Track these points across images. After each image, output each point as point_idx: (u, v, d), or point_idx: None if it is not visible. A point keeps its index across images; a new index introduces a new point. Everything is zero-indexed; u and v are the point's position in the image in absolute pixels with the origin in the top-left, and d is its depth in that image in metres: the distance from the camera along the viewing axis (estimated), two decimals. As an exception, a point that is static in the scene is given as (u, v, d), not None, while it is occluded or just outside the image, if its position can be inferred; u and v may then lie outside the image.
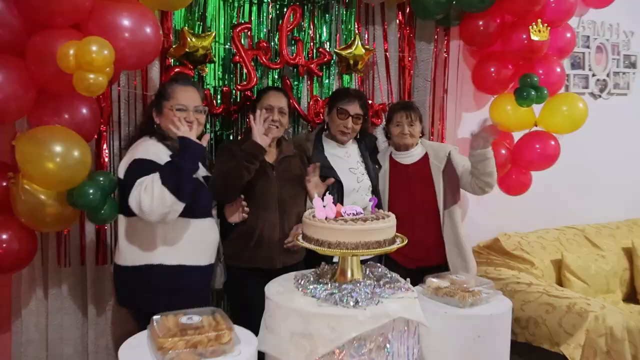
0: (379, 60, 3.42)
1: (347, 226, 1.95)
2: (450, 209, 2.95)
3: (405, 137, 2.95)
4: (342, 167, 2.87)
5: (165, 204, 2.09)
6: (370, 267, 2.24)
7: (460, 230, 2.97)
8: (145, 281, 2.29)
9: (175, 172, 2.11)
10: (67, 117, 2.24)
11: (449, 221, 2.95)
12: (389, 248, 2.01)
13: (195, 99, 2.40)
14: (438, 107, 3.60)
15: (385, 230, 2.01)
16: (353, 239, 1.95)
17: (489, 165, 2.83)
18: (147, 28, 2.23)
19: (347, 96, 2.88)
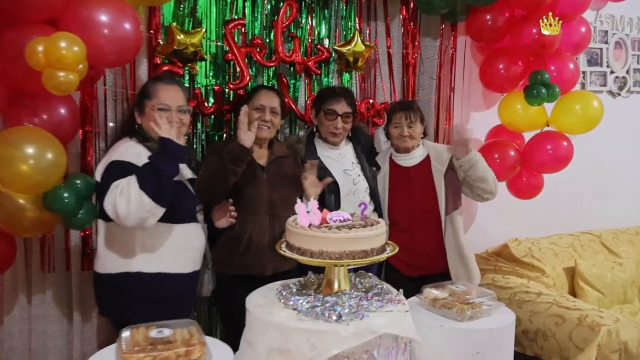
0: (381, 58, 3.27)
1: (331, 234, 1.81)
2: (451, 215, 2.78)
3: (405, 140, 2.79)
4: (336, 169, 2.74)
5: (142, 209, 1.98)
6: (360, 277, 2.10)
7: (462, 238, 2.80)
8: (123, 290, 2.18)
9: (154, 174, 2.00)
10: (45, 117, 2.15)
11: (451, 227, 2.79)
12: (376, 258, 1.87)
13: (179, 98, 2.29)
14: (444, 106, 3.43)
15: (373, 239, 1.86)
16: (337, 248, 1.81)
17: (477, 170, 2.69)
18: (126, 24, 2.12)
19: (333, 95, 2.75)
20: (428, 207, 2.80)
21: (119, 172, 2.06)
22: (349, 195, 2.73)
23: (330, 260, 1.81)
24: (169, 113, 2.22)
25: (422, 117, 2.83)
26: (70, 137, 2.29)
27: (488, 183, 2.74)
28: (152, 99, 2.23)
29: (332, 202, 2.67)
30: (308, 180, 2.53)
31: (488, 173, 2.73)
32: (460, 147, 2.67)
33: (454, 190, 2.81)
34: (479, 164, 2.69)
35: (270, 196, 2.51)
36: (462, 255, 2.80)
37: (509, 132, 3.34)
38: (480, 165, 2.69)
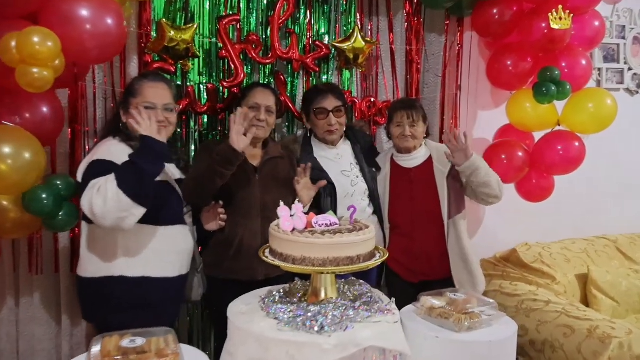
0: (384, 54, 3.15)
1: (314, 239, 1.70)
2: (454, 219, 2.65)
3: (406, 140, 2.67)
4: (334, 170, 2.63)
5: (120, 208, 1.89)
6: (350, 284, 1.99)
7: (466, 242, 2.66)
8: (106, 295, 2.10)
9: (133, 173, 1.91)
10: (25, 115, 2.08)
11: (454, 232, 2.65)
12: (363, 265, 1.75)
13: (165, 96, 2.20)
14: (450, 105, 3.30)
15: (360, 245, 1.75)
16: (320, 254, 1.70)
17: (480, 175, 2.54)
18: (108, 19, 2.05)
19: (319, 93, 2.65)
20: (430, 210, 2.68)
21: (99, 171, 1.97)
22: (346, 197, 2.62)
23: (313, 268, 1.70)
24: (155, 112, 2.14)
25: (424, 116, 2.71)
26: (54, 136, 2.22)
27: (492, 188, 2.60)
28: (137, 96, 2.15)
29: (328, 205, 2.56)
30: (300, 184, 2.43)
31: (491, 177, 2.59)
32: (458, 153, 2.53)
33: (457, 193, 2.68)
34: (481, 169, 2.54)
35: (263, 198, 2.41)
36: (466, 260, 2.67)
37: (518, 131, 3.20)
38: (483, 170, 2.55)
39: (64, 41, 1.99)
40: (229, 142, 2.18)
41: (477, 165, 2.53)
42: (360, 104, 3.05)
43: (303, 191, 2.44)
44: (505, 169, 2.97)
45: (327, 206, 2.56)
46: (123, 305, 2.10)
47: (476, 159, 2.54)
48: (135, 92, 2.16)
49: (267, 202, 2.42)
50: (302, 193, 2.44)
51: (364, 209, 2.66)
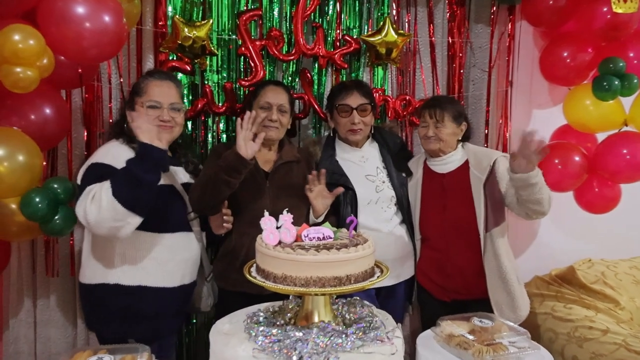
0: (422, 48, 2.88)
1: (295, 256, 1.50)
2: (491, 232, 2.33)
3: (429, 141, 2.39)
4: (357, 174, 2.41)
5: (115, 217, 1.80)
6: (351, 306, 1.76)
7: (504, 259, 2.33)
8: (100, 302, 2.03)
9: (129, 181, 1.81)
10: (26, 117, 2.04)
11: (491, 247, 2.34)
12: (351, 287, 1.52)
13: (172, 95, 2.10)
14: (499, 103, 2.96)
15: (351, 263, 1.52)
16: (302, 273, 1.50)
17: (534, 192, 2.16)
18: (105, 16, 1.96)
19: (343, 89, 2.43)
20: (464, 222, 2.38)
21: (96, 176, 1.90)
22: (370, 204, 2.39)
23: (295, 288, 1.50)
24: (160, 111, 2.05)
25: (457, 116, 2.40)
26: (57, 138, 2.18)
27: (542, 205, 2.24)
28: (142, 95, 2.06)
29: (348, 213, 2.34)
30: (314, 192, 2.23)
31: (544, 194, 2.20)
32: (522, 160, 2.12)
33: (495, 203, 2.36)
34: (537, 187, 2.15)
35: (274, 207, 2.21)
36: (505, 280, 2.34)
37: (578, 133, 2.80)
38: (538, 187, 2.16)
39: (60, 40, 1.93)
40: (236, 149, 2.02)
41: (535, 182, 2.13)
42: (393, 103, 2.80)
43: (317, 199, 2.24)
44: (558, 175, 2.61)
45: (347, 214, 2.34)
46: (117, 315, 2.01)
47: (537, 174, 2.14)
48: (141, 90, 2.07)
49: (278, 211, 2.21)
50: (315, 201, 2.24)
51: (389, 217, 2.42)
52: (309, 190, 2.23)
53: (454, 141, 2.41)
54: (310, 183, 2.22)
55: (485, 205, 2.33)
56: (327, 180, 2.31)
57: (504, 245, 2.39)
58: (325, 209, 2.27)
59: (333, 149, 2.47)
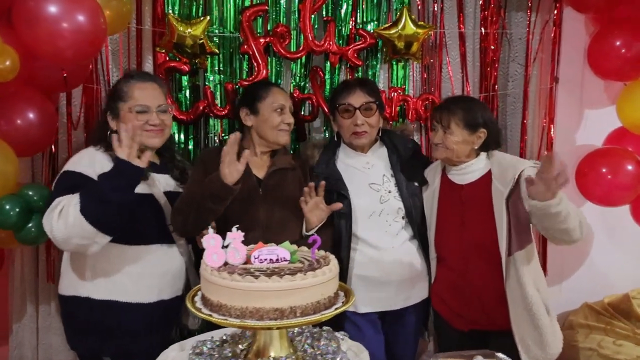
0: (450, 41, 2.57)
1: (230, 282, 1.29)
2: (515, 256, 1.99)
3: (436, 149, 2.09)
4: (360, 182, 2.16)
5: (83, 235, 1.69)
6: (316, 339, 1.52)
7: (529, 288, 1.97)
8: (74, 316, 1.93)
9: (99, 200, 1.68)
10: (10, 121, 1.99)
11: (514, 273, 1.99)
12: (296, 321, 1.28)
13: (158, 96, 1.97)
14: (543, 102, 2.58)
15: (298, 293, 1.29)
16: (238, 302, 1.28)
17: (556, 222, 1.81)
18: (79, 15, 1.86)
19: (345, 88, 2.19)
20: (484, 241, 2.05)
21: (66, 186, 1.79)
22: (373, 216, 2.13)
23: (230, 320, 1.29)
24: (149, 115, 1.93)
25: (469, 122, 2.04)
26: (42, 144, 2.11)
27: (570, 235, 1.88)
28: (128, 100, 1.94)
29: (342, 227, 2.11)
30: (308, 205, 2.01)
31: (570, 223, 1.83)
32: (542, 187, 1.75)
33: (519, 223, 2.00)
34: (562, 215, 1.79)
35: (266, 218, 2.04)
36: (531, 312, 1.98)
37: (636, 137, 2.36)
38: (562, 217, 1.80)
39: (34, 41, 1.86)
40: (219, 175, 1.82)
41: (556, 212, 1.78)
42: (415, 103, 2.51)
43: (312, 212, 2.02)
44: (606, 187, 2.23)
45: (341, 227, 2.11)
46: (90, 330, 1.90)
47: (558, 203, 1.77)
48: (125, 95, 1.95)
49: (271, 222, 2.04)
50: (310, 214, 2.02)
51: (395, 232, 2.15)
52: (303, 203, 2.01)
53: (466, 150, 2.07)
54: (305, 195, 2.00)
55: (508, 224, 1.99)
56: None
57: (531, 271, 2.02)
58: (320, 222, 2.05)
59: (334, 153, 2.23)
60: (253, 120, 2.10)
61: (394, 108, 2.50)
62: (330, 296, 1.36)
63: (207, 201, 1.84)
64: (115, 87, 2.03)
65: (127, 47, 2.40)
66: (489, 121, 2.09)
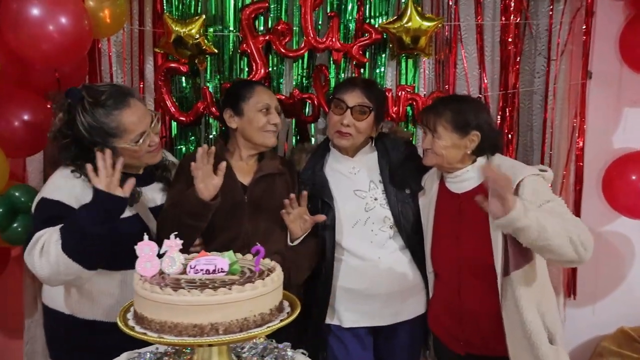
0: (466, 34, 2.37)
1: (150, 294, 1.21)
2: (512, 276, 1.76)
3: (425, 155, 1.91)
4: (344, 189, 2.03)
5: (67, 272, 1.62)
6: (265, 354, 1.41)
7: (528, 314, 1.73)
8: (55, 331, 1.90)
9: (80, 236, 1.59)
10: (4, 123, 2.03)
11: (511, 295, 1.77)
12: (218, 339, 1.18)
13: (147, 114, 1.83)
14: (572, 100, 2.32)
15: (220, 308, 1.18)
16: (158, 316, 1.20)
17: (533, 239, 1.60)
18: (61, 18, 1.86)
19: (346, 84, 2.06)
20: (478, 257, 1.84)
21: (44, 218, 1.69)
22: (357, 225, 1.99)
23: (149, 334, 1.21)
24: (147, 138, 1.80)
25: (458, 124, 1.83)
26: (33, 147, 2.13)
27: (558, 254, 1.64)
28: (123, 135, 1.75)
29: (324, 237, 1.99)
30: (291, 216, 1.89)
31: (552, 239, 1.60)
32: (496, 201, 1.57)
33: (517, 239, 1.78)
34: (532, 229, 1.58)
35: (252, 226, 1.94)
36: (530, 340, 1.75)
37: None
38: (534, 230, 1.58)
39: (19, 43, 1.89)
40: (194, 192, 1.74)
41: (524, 225, 1.56)
42: (425, 102, 2.32)
43: (295, 223, 1.91)
44: (635, 197, 1.91)
45: (324, 238, 1.98)
46: (72, 349, 1.85)
47: (521, 214, 1.55)
48: (116, 131, 1.74)
49: (256, 231, 1.93)
50: (293, 225, 1.91)
51: (382, 242, 1.99)
52: (285, 214, 1.90)
53: (457, 156, 1.86)
54: (286, 207, 1.89)
55: (505, 239, 1.77)
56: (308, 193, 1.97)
57: (532, 294, 1.78)
58: (304, 232, 1.93)
59: (323, 157, 2.10)
60: (237, 122, 2.00)
61: (401, 108, 2.33)
62: (263, 313, 1.25)
63: (186, 218, 1.77)
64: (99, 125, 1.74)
65: (130, 49, 2.41)
66: (484, 122, 1.88)
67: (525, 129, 2.42)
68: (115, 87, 1.86)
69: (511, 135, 2.35)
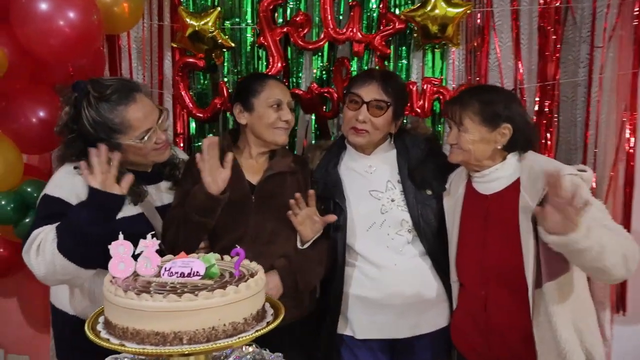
0: (500, 21, 2.17)
1: (114, 297, 1.13)
2: (545, 288, 1.57)
3: (451, 151, 1.74)
4: (359, 188, 1.90)
5: (64, 272, 1.58)
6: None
7: (562, 330, 1.55)
8: (61, 330, 1.87)
9: (76, 235, 1.54)
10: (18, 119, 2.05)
11: (543, 309, 1.58)
12: (176, 349, 1.08)
13: (153, 110, 1.76)
14: (621, 91, 2.07)
15: (185, 315, 1.09)
16: (121, 322, 1.12)
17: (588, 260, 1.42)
18: (69, 12, 1.84)
19: (363, 77, 1.92)
20: (508, 265, 1.67)
21: (45, 214, 1.66)
22: (373, 228, 1.85)
23: (113, 341, 1.13)
24: (153, 134, 1.74)
25: (487, 116, 1.66)
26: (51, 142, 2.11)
27: (608, 273, 1.46)
28: (128, 132, 1.70)
29: (337, 239, 1.86)
30: (299, 217, 1.78)
31: (609, 258, 1.41)
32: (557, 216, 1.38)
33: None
34: (593, 251, 1.38)
35: (258, 228, 1.84)
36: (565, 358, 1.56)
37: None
38: (594, 252, 1.39)
39: (29, 39, 1.88)
40: (202, 187, 1.67)
41: (585, 247, 1.38)
42: (451, 94, 2.14)
43: (304, 225, 1.80)
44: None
45: (335, 241, 1.85)
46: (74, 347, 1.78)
47: (584, 235, 1.36)
48: (121, 127, 1.69)
49: (262, 233, 1.84)
50: (302, 227, 1.80)
51: (399, 247, 1.84)
52: (292, 216, 1.79)
53: (486, 152, 1.68)
54: (293, 207, 1.78)
55: (536, 246, 1.58)
56: (319, 192, 1.86)
57: (569, 309, 1.59)
58: (315, 234, 1.81)
59: (338, 155, 1.97)
60: (247, 118, 1.90)
61: (427, 102, 2.16)
62: (235, 322, 1.14)
63: (194, 214, 1.69)
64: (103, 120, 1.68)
65: (150, 44, 2.38)
66: (516, 114, 1.69)
67: (567, 125, 2.19)
68: (122, 82, 1.79)
69: (550, 131, 2.13)
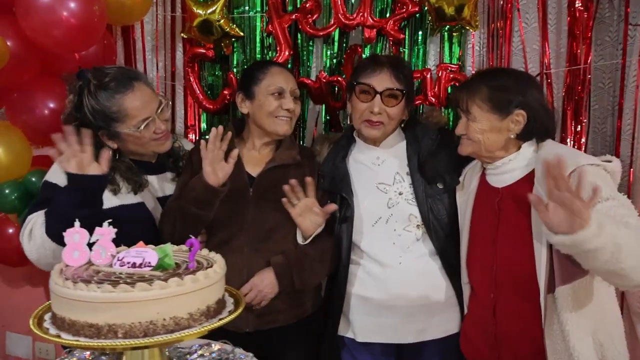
0: (524, 1, 1.96)
1: (54, 286, 1.08)
2: (557, 293, 1.40)
3: (461, 142, 1.59)
4: (366, 181, 1.79)
5: (54, 256, 1.57)
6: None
7: (575, 341, 1.38)
8: None
9: (61, 219, 1.48)
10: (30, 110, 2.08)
11: (556, 317, 1.41)
12: (110, 343, 1.01)
13: (153, 99, 1.74)
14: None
15: (118, 307, 1.02)
16: (60, 312, 1.08)
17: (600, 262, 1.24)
18: (70, 3, 1.85)
19: (371, 64, 1.78)
20: (518, 267, 1.51)
21: (42, 199, 1.67)
22: (378, 224, 1.73)
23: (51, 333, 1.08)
24: (152, 124, 1.72)
25: (498, 101, 1.50)
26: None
27: (627, 278, 1.27)
28: (125, 121, 1.68)
29: (342, 234, 1.76)
30: (297, 207, 1.69)
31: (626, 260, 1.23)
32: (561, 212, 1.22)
33: None
34: (606, 251, 1.21)
35: (256, 222, 1.77)
36: None
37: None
38: (608, 252, 1.21)
39: (33, 30, 1.90)
40: (204, 177, 1.63)
41: (597, 246, 1.21)
42: (469, 81, 1.97)
43: (304, 217, 1.71)
44: None
45: (340, 237, 1.74)
46: None
47: (596, 233, 1.19)
48: (119, 115, 1.67)
49: (259, 227, 1.77)
50: (301, 219, 1.71)
51: (406, 244, 1.71)
52: (289, 205, 1.69)
53: (498, 141, 1.53)
54: (288, 196, 1.69)
55: (550, 246, 1.40)
56: (326, 187, 1.77)
57: (582, 318, 1.41)
58: (316, 227, 1.71)
59: (346, 147, 1.86)
60: (248, 107, 1.83)
61: (441, 90, 2.00)
62: (177, 317, 1.06)
63: (192, 206, 1.65)
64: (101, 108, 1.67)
65: (164, 34, 2.36)
66: (532, 99, 1.51)
67: (603, 114, 1.96)
68: (122, 70, 1.78)
69: (581, 121, 1.91)
